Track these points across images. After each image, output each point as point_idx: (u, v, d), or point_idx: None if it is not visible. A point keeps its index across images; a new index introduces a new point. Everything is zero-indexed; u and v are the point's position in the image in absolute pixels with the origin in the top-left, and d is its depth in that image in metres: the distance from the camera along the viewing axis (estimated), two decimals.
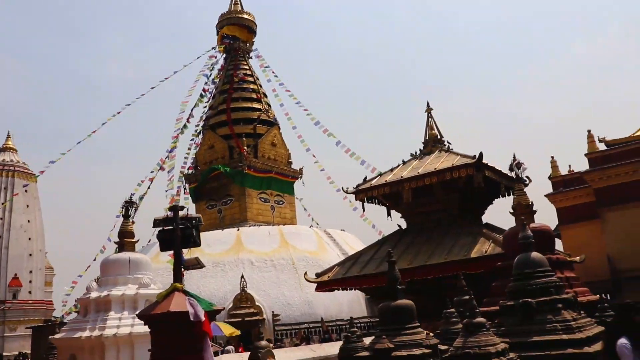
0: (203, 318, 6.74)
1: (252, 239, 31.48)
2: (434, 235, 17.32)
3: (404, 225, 19.50)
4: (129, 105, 35.94)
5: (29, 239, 33.52)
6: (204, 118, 40.32)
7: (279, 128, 40.58)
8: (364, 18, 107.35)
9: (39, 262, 33.88)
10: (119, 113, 34.95)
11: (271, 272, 29.27)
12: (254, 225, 35.01)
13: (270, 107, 41.13)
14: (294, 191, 40.93)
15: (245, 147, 36.86)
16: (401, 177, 18.01)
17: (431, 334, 7.29)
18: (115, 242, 13.69)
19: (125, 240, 13.20)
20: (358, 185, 19.12)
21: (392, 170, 19.23)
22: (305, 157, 40.68)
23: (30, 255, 33.22)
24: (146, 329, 7.41)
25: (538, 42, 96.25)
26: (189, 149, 40.25)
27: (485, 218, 19.63)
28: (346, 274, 17.70)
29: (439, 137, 19.95)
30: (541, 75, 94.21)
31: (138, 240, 13.63)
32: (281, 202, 39.25)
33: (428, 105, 20.42)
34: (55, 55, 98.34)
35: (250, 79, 41.45)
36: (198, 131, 39.73)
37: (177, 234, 7.18)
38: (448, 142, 19.67)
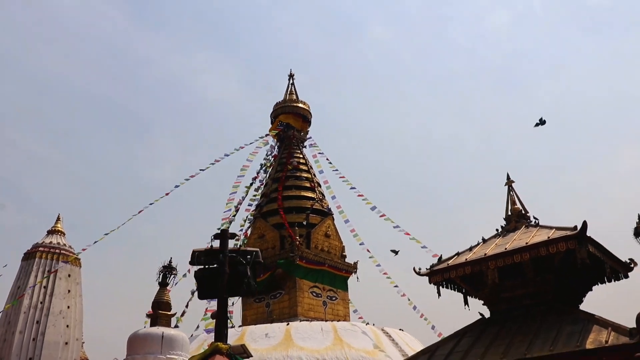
0: None
1: (303, 335, 28.72)
2: (526, 323, 14.37)
3: (480, 314, 16.66)
4: (177, 186, 34.84)
5: (67, 326, 31.38)
6: (254, 206, 38.79)
7: (333, 219, 38.51)
8: (425, 98, 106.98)
9: (75, 352, 31.52)
10: (167, 194, 33.76)
11: None
12: (305, 320, 32.18)
13: (324, 197, 39.40)
14: (348, 287, 38.11)
15: (298, 237, 34.73)
16: (484, 254, 15.37)
17: None
18: (148, 315, 11.35)
19: (160, 312, 10.93)
20: (432, 266, 16.50)
21: (471, 248, 16.59)
22: (359, 251, 38.19)
23: (66, 343, 30.91)
24: None
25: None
26: (237, 238, 38.45)
27: (583, 307, 16.50)
28: None
29: (523, 211, 17.40)
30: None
31: (175, 314, 11.30)
32: (334, 298, 36.38)
33: (508, 177, 18.05)
34: (110, 156, 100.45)
35: (304, 167, 40.12)
36: (248, 219, 38.09)
37: (224, 272, 4.95)
38: (535, 218, 17.07)
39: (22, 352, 29.42)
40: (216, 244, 5.31)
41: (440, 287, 16.66)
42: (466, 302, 17.26)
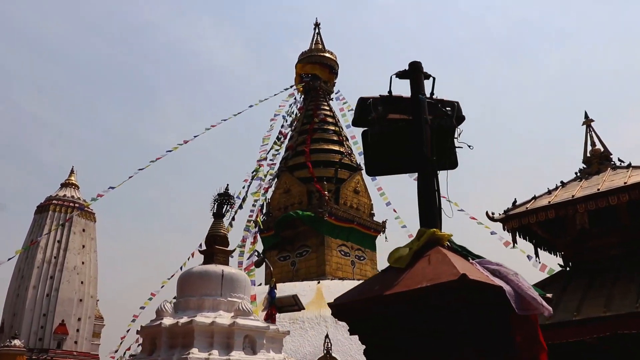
0: (549, 309, 2.56)
1: (335, 294, 26.61)
2: (626, 274, 12.45)
3: (560, 265, 14.89)
4: (197, 136, 32.80)
5: (82, 282, 29.77)
6: (280, 160, 36.76)
7: (362, 175, 36.49)
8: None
9: (89, 310, 29.92)
10: (185, 142, 31.82)
11: None
12: (334, 280, 30.43)
13: (352, 151, 37.35)
14: (376, 247, 36.35)
15: (326, 192, 32.78)
16: (572, 196, 13.39)
17: None
18: (201, 251, 9.34)
19: (217, 247, 8.94)
20: (508, 210, 14.53)
21: (550, 192, 14.62)
22: (386, 210, 36.26)
23: (81, 300, 29.32)
24: None
25: None
26: (256, 192, 36.54)
27: None
28: None
29: (605, 153, 15.38)
30: None
31: (234, 250, 9.32)
32: (362, 258, 34.58)
33: (586, 116, 15.96)
34: (116, 120, 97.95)
35: (331, 120, 37.99)
36: (273, 174, 36.08)
37: (425, 121, 2.97)
38: (620, 160, 15.04)
39: (35, 308, 27.74)
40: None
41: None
42: (537, 254, 15.48)
